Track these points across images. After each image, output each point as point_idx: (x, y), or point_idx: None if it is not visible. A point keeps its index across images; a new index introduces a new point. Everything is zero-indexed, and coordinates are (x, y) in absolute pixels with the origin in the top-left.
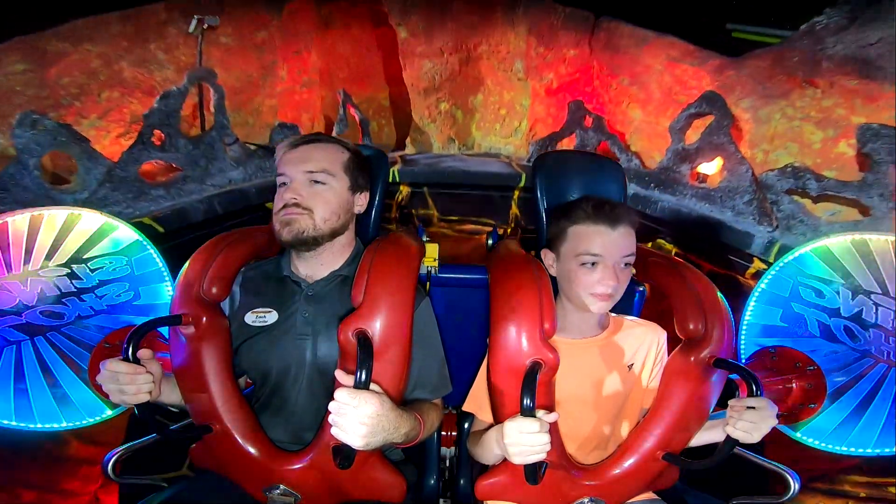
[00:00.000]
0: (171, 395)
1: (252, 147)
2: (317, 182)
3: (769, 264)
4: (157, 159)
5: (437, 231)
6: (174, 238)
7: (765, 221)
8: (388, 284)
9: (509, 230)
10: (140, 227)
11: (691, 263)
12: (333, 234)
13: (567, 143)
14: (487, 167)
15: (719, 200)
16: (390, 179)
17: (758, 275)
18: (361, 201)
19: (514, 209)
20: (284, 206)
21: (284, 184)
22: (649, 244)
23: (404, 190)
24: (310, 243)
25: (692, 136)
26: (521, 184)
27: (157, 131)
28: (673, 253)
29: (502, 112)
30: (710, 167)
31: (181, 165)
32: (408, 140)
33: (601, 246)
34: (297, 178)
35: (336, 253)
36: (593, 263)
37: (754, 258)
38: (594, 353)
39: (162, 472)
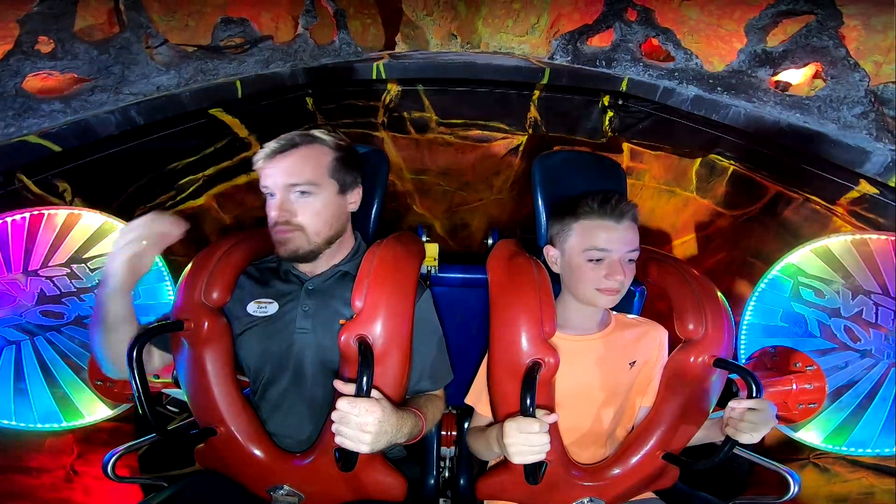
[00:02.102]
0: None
1: (189, 49)
2: (303, 193)
3: (883, 189)
4: (47, 70)
5: (436, 138)
6: (78, 157)
7: (885, 137)
8: (388, 290)
9: (525, 139)
10: (23, 147)
11: (759, 182)
12: (330, 242)
13: (603, 40)
14: (499, 59)
15: (817, 111)
16: (374, 76)
17: (860, 201)
18: (354, 198)
19: (534, 112)
20: (276, 224)
21: (271, 195)
22: (698, 161)
23: (392, 89)
24: (308, 258)
25: (777, 38)
26: (545, 80)
27: (42, 38)
28: (730, 170)
29: (516, 6)
30: (796, 75)
31: (86, 75)
32: (398, 37)
33: (607, 240)
34: (282, 193)
35: (335, 251)
36: (600, 259)
37: (861, 180)
38: (595, 349)
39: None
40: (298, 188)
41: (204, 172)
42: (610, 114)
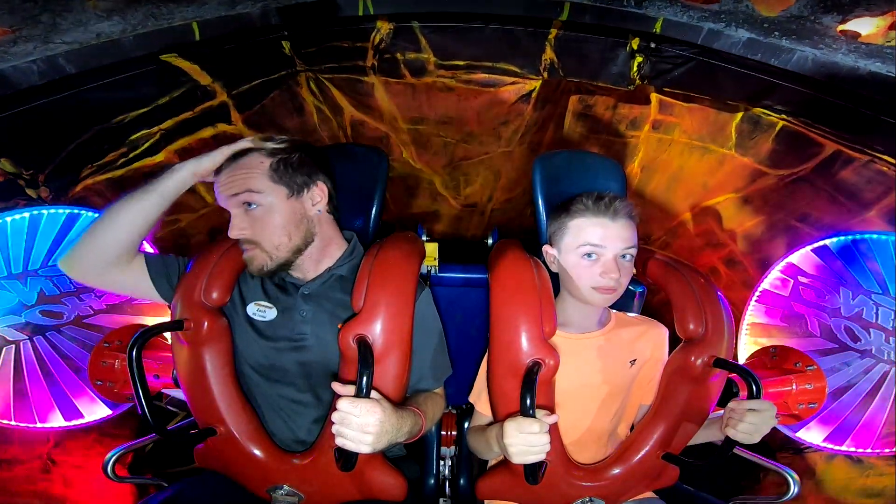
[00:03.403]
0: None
1: None
2: (249, 204)
3: None
4: None
5: (435, 82)
6: None
7: None
8: (388, 290)
9: (539, 84)
10: None
11: (814, 139)
12: (297, 251)
13: None
14: None
15: None
16: (360, 12)
17: None
18: (316, 199)
19: (550, 52)
20: (238, 243)
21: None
22: (740, 115)
23: (383, 27)
24: (277, 271)
25: None
26: (564, 16)
27: None
28: (779, 126)
29: None
30: (867, 24)
31: (6, 25)
32: None
33: (602, 237)
34: (231, 208)
35: (319, 255)
36: (595, 255)
37: None
38: (595, 348)
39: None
40: (241, 198)
41: (160, 126)
42: (639, 59)
